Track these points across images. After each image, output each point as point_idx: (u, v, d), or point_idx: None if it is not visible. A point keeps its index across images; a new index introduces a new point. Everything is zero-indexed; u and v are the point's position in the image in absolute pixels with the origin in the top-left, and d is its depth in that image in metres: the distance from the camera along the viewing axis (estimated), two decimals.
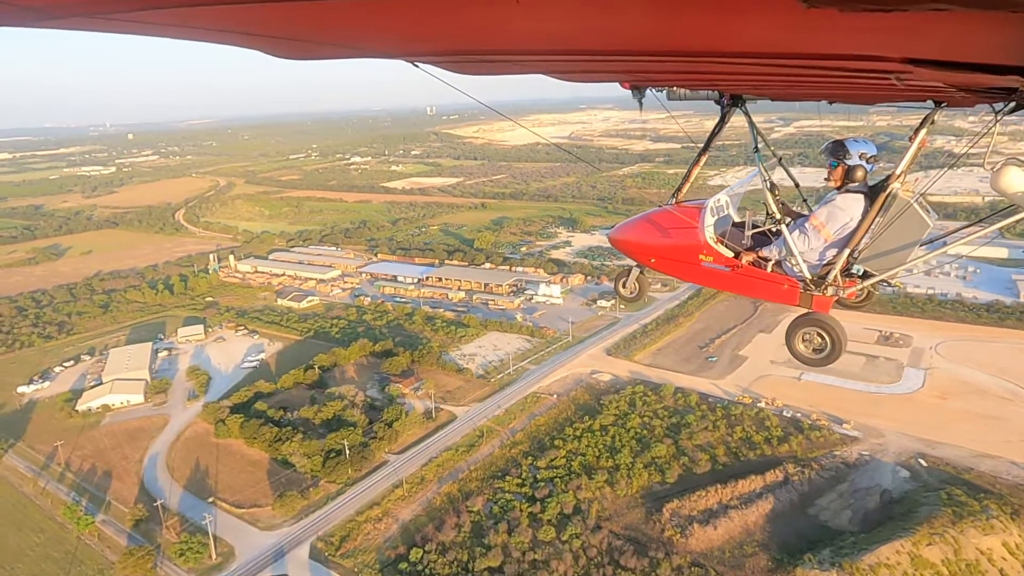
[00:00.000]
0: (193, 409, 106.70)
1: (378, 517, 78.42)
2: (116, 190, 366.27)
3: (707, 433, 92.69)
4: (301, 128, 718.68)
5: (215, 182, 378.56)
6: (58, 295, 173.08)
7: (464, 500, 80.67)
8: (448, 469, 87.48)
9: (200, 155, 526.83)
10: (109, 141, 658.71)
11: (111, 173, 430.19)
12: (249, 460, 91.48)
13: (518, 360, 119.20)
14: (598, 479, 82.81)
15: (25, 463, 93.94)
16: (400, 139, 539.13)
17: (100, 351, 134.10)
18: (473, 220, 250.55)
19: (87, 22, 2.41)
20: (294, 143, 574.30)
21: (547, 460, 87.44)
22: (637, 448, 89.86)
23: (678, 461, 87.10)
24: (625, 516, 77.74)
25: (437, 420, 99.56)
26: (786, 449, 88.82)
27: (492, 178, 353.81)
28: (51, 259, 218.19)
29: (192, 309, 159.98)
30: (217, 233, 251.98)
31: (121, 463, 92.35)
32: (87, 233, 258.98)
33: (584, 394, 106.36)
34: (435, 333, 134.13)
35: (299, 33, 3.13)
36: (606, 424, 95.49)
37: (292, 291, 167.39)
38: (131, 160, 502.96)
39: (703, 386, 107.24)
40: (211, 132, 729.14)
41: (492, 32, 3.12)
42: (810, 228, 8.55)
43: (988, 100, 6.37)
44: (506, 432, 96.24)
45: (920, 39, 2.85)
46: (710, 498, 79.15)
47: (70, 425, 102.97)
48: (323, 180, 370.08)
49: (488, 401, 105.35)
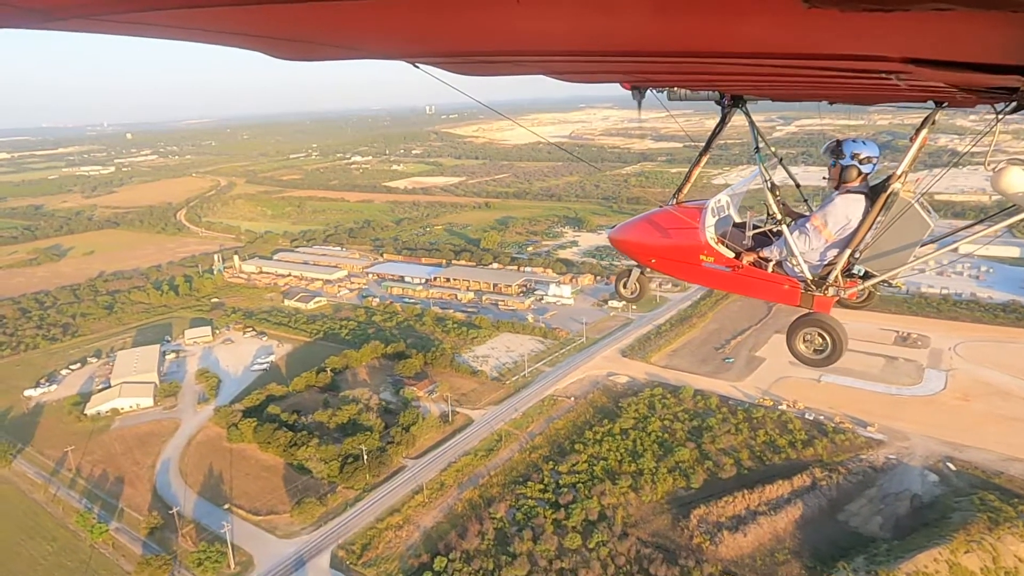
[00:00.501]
0: (204, 413, 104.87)
1: (399, 524, 76.69)
2: (116, 190, 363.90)
3: (730, 437, 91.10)
4: (300, 128, 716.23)
5: (215, 182, 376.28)
6: (61, 296, 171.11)
7: (486, 507, 79.01)
8: (468, 474, 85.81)
9: (200, 155, 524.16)
10: (108, 141, 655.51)
11: (110, 173, 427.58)
12: (263, 465, 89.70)
13: (532, 362, 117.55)
14: (622, 484, 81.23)
15: (34, 469, 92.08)
16: (400, 138, 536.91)
17: (106, 353, 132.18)
18: (477, 220, 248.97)
19: (89, 23, 2.42)
20: (294, 142, 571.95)
21: (568, 465, 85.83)
22: (659, 452, 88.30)
23: (702, 465, 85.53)
24: (651, 522, 76.14)
25: (454, 424, 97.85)
26: (811, 453, 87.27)
27: (495, 177, 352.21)
28: (53, 260, 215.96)
29: (198, 310, 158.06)
30: (220, 233, 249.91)
31: (133, 469, 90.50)
32: (88, 233, 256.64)
33: (602, 396, 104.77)
34: (446, 335, 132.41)
35: (300, 34, 3.11)
36: (626, 427, 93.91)
37: (299, 292, 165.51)
38: (130, 160, 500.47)
39: (722, 388, 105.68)
40: (210, 132, 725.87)
41: (492, 33, 3.09)
42: (811, 228, 8.56)
43: (989, 100, 6.33)
44: (524, 436, 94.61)
45: (921, 39, 2.83)
46: (737, 504, 77.55)
47: (79, 429, 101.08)
48: (324, 180, 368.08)
49: (504, 404, 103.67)
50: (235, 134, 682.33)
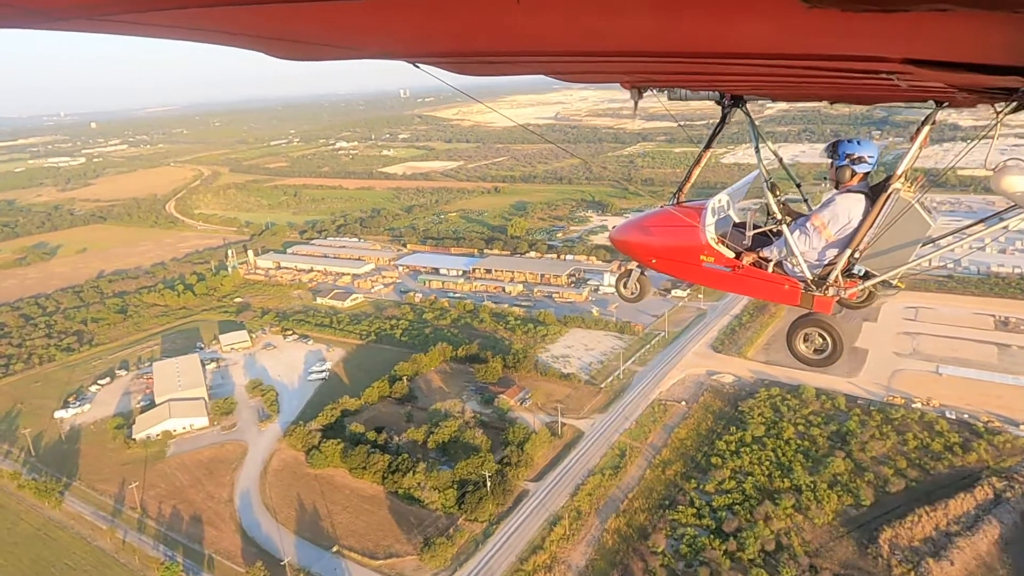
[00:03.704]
0: (269, 432, 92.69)
1: (547, 564, 65.95)
2: (92, 182, 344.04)
3: (877, 443, 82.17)
4: (272, 114, 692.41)
5: (198, 171, 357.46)
6: (64, 300, 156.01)
7: (640, 538, 68.77)
8: (602, 498, 75.41)
9: (173, 143, 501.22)
10: (71, 130, 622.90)
11: (81, 165, 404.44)
12: (360, 495, 78.17)
13: (617, 360, 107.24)
14: (784, 504, 71.60)
15: (90, 508, 79.26)
16: (384, 123, 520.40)
17: (134, 364, 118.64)
18: (491, 205, 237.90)
19: (90, 24, 2.43)
20: (270, 129, 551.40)
21: (714, 483, 76.05)
22: (807, 463, 78.97)
23: (861, 478, 76.33)
24: (835, 550, 66.64)
25: (563, 437, 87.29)
26: (975, 459, 78.62)
27: (494, 161, 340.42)
28: (43, 259, 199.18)
29: (223, 312, 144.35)
30: (219, 226, 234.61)
31: (208, 504, 78.24)
32: (75, 229, 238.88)
33: (714, 399, 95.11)
34: (511, 332, 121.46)
35: (301, 34, 3.13)
36: (758, 435, 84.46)
37: (330, 289, 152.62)
38: (99, 150, 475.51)
39: (839, 385, 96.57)
40: (178, 119, 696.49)
41: (493, 33, 3.10)
42: (811, 228, 8.43)
43: (989, 100, 6.29)
44: (647, 448, 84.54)
45: (921, 39, 2.85)
46: (924, 524, 68.53)
47: (130, 458, 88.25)
48: (313, 167, 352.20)
49: (610, 411, 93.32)
50: (205, 121, 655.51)
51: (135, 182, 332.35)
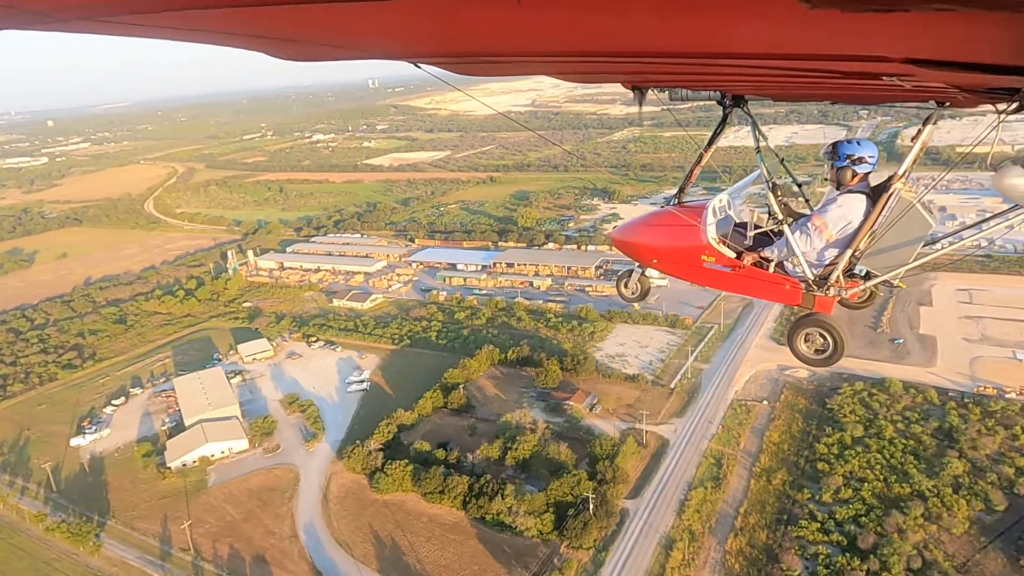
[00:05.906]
0: (320, 453, 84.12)
1: None
2: (58, 183, 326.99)
3: (987, 439, 76.67)
4: (238, 107, 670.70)
5: (171, 168, 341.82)
6: (54, 310, 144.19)
7: (770, 561, 62.19)
8: (712, 515, 68.64)
9: (139, 140, 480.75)
10: (26, 129, 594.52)
11: (44, 165, 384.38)
12: (440, 523, 70.27)
13: (680, 358, 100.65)
14: (913, 513, 65.60)
15: (134, 552, 70.03)
16: (358, 114, 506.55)
17: (148, 381, 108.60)
18: (490, 195, 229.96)
19: (91, 25, 2.45)
20: (239, 123, 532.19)
21: (830, 492, 69.81)
22: (921, 465, 73.18)
23: (984, 479, 70.72)
24: (985, 565, 60.82)
25: (648, 446, 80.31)
26: None
27: (481, 150, 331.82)
28: (22, 266, 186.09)
29: (233, 319, 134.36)
30: (206, 225, 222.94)
31: (270, 541, 69.60)
32: (49, 233, 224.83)
33: (796, 397, 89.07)
34: (554, 331, 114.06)
35: (302, 35, 3.15)
36: (857, 435, 78.53)
37: (345, 289, 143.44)
38: (61, 149, 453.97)
39: (921, 376, 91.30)
40: (140, 115, 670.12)
41: (494, 33, 3.11)
42: (812, 228, 8.21)
43: (991, 100, 6.11)
44: (742, 455, 78.04)
45: (922, 39, 2.85)
46: None
47: (167, 489, 79.07)
48: (293, 161, 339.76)
49: (688, 415, 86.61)
50: (169, 117, 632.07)
51: (105, 181, 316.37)
